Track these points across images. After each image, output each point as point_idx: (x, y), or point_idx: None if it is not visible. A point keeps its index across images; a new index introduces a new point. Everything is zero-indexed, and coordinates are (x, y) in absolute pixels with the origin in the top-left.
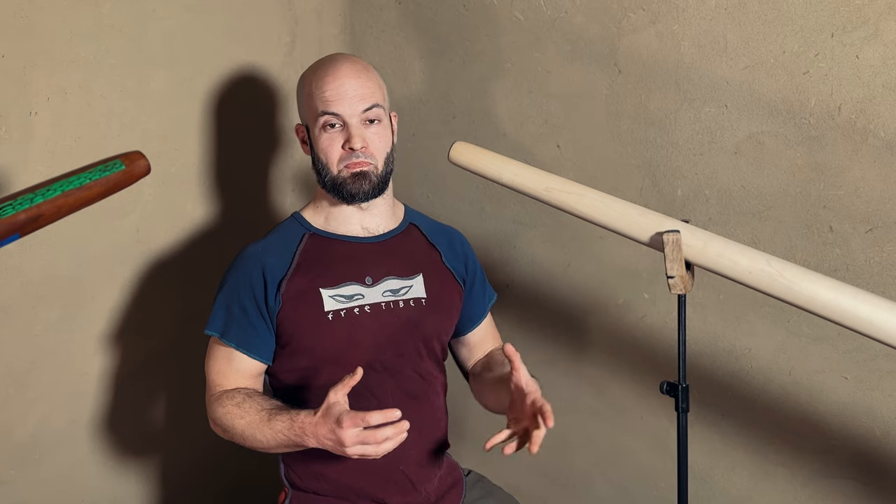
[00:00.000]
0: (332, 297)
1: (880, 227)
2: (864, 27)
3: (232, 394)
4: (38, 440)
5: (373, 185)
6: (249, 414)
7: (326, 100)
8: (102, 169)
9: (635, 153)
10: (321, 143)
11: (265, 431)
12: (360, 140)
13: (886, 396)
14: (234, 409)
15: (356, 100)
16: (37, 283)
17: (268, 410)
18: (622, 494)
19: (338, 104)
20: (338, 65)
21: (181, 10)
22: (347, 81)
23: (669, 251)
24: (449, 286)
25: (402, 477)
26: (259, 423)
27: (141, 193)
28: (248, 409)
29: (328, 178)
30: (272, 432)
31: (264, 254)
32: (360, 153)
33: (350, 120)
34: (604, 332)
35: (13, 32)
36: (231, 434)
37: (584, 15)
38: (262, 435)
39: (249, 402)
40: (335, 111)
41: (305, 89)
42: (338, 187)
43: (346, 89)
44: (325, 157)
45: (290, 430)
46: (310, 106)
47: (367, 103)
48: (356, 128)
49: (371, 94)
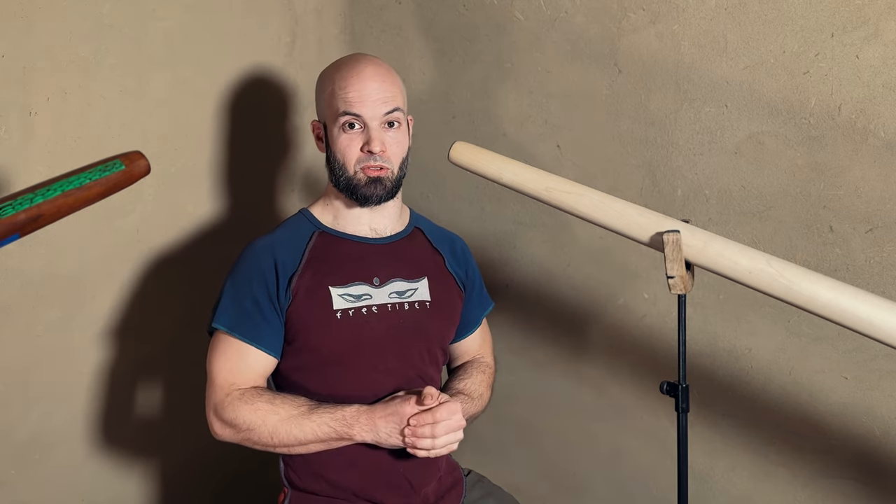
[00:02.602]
0: (342, 295)
1: (880, 227)
2: (864, 27)
3: (258, 391)
4: (38, 440)
5: (387, 190)
6: (284, 409)
7: (349, 101)
8: (102, 169)
9: (635, 153)
10: (339, 143)
11: (304, 425)
12: (379, 144)
13: (886, 396)
14: (265, 405)
15: (378, 102)
16: (37, 283)
17: (307, 405)
18: (622, 494)
19: (359, 105)
20: (362, 66)
21: (181, 10)
22: (371, 83)
23: (669, 251)
24: (452, 291)
25: (402, 478)
26: (298, 417)
27: (141, 193)
28: (281, 404)
29: (343, 177)
30: (314, 425)
31: (275, 248)
32: (378, 157)
33: (371, 122)
34: (604, 332)
35: (13, 32)
36: (254, 433)
37: (584, 15)
38: (300, 429)
39: (281, 398)
40: (357, 112)
41: (327, 87)
42: (352, 188)
43: (369, 91)
44: (343, 157)
45: (336, 421)
46: (330, 104)
47: (388, 106)
48: (376, 131)
49: (393, 98)
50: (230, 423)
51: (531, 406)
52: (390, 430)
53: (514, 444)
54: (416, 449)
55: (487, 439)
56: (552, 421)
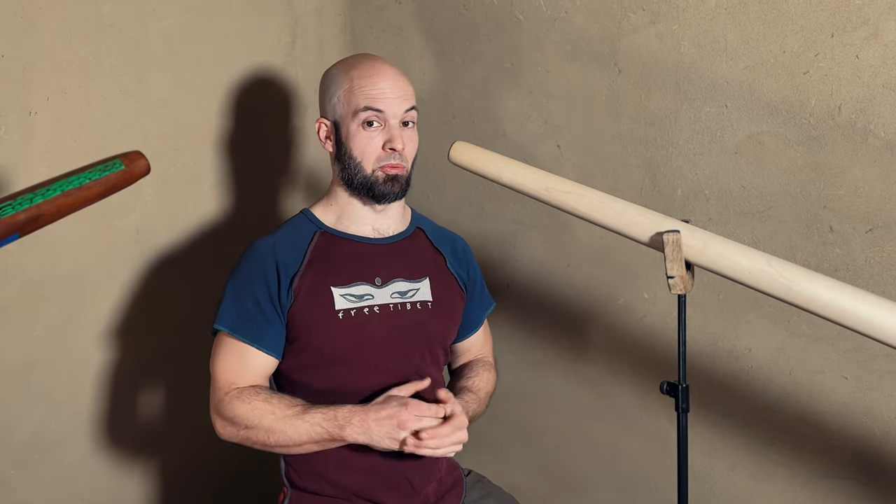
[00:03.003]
0: (343, 295)
1: (880, 227)
2: (864, 27)
3: (256, 390)
4: (38, 440)
5: (402, 188)
6: (280, 408)
7: (372, 97)
8: (102, 169)
9: (635, 153)
10: (358, 140)
11: (298, 425)
12: (401, 141)
13: (886, 396)
14: (262, 404)
15: (400, 100)
16: (37, 283)
17: (301, 405)
18: (622, 494)
19: (382, 102)
20: (380, 64)
21: (181, 10)
22: (392, 82)
23: (669, 251)
24: (453, 291)
25: (402, 478)
26: (293, 417)
27: (141, 193)
28: (277, 404)
29: (360, 175)
30: (307, 425)
31: (277, 249)
32: (399, 155)
33: (391, 120)
34: (604, 332)
35: (13, 32)
36: (252, 431)
37: (584, 15)
38: (295, 429)
39: (278, 397)
40: (380, 108)
41: (343, 84)
42: (369, 186)
43: (391, 89)
44: (361, 155)
45: (328, 422)
46: (349, 101)
47: (408, 104)
48: (398, 129)
49: (411, 96)
50: (230, 421)
51: (531, 406)
52: (384, 433)
53: (514, 444)
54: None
55: (487, 439)
56: (552, 421)
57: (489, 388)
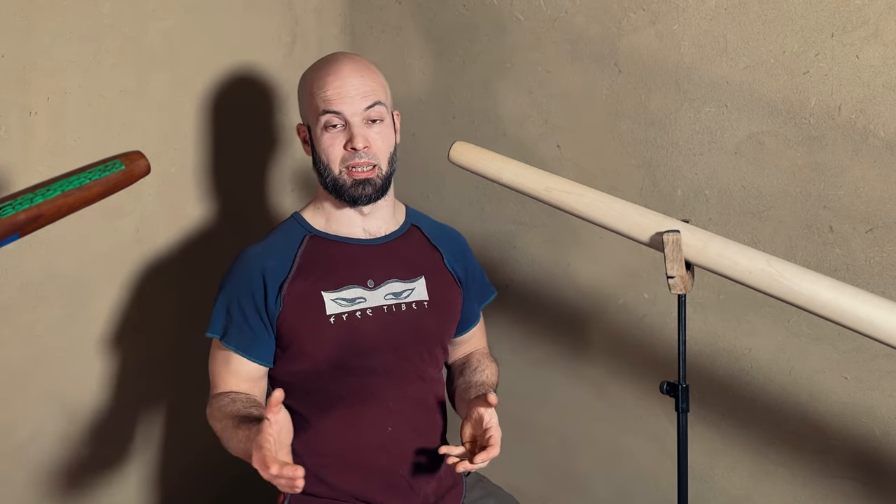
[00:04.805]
0: (334, 300)
1: (880, 227)
2: (864, 27)
3: (220, 396)
4: (38, 440)
5: (375, 188)
6: (225, 418)
7: (328, 99)
8: (102, 169)
9: (635, 153)
10: (322, 143)
11: (232, 438)
12: (362, 140)
13: (886, 396)
14: (216, 411)
15: (358, 98)
16: (37, 283)
17: (238, 418)
18: (622, 494)
19: (339, 103)
20: (339, 63)
21: (181, 10)
22: (349, 80)
23: (669, 251)
24: (450, 288)
25: (402, 480)
26: (231, 429)
27: (141, 193)
28: (226, 412)
29: (329, 178)
30: (236, 440)
31: (264, 256)
32: (363, 153)
33: (352, 119)
34: (604, 332)
35: (13, 32)
36: (219, 437)
37: (584, 15)
38: (230, 441)
39: (231, 406)
40: (337, 110)
41: (307, 89)
42: (339, 189)
43: (347, 88)
44: (327, 157)
45: (248, 442)
46: (311, 105)
47: (368, 101)
48: (358, 127)
49: (373, 92)
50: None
51: (531, 406)
52: None
53: (514, 443)
54: None
55: None
56: (552, 421)
57: (496, 379)
